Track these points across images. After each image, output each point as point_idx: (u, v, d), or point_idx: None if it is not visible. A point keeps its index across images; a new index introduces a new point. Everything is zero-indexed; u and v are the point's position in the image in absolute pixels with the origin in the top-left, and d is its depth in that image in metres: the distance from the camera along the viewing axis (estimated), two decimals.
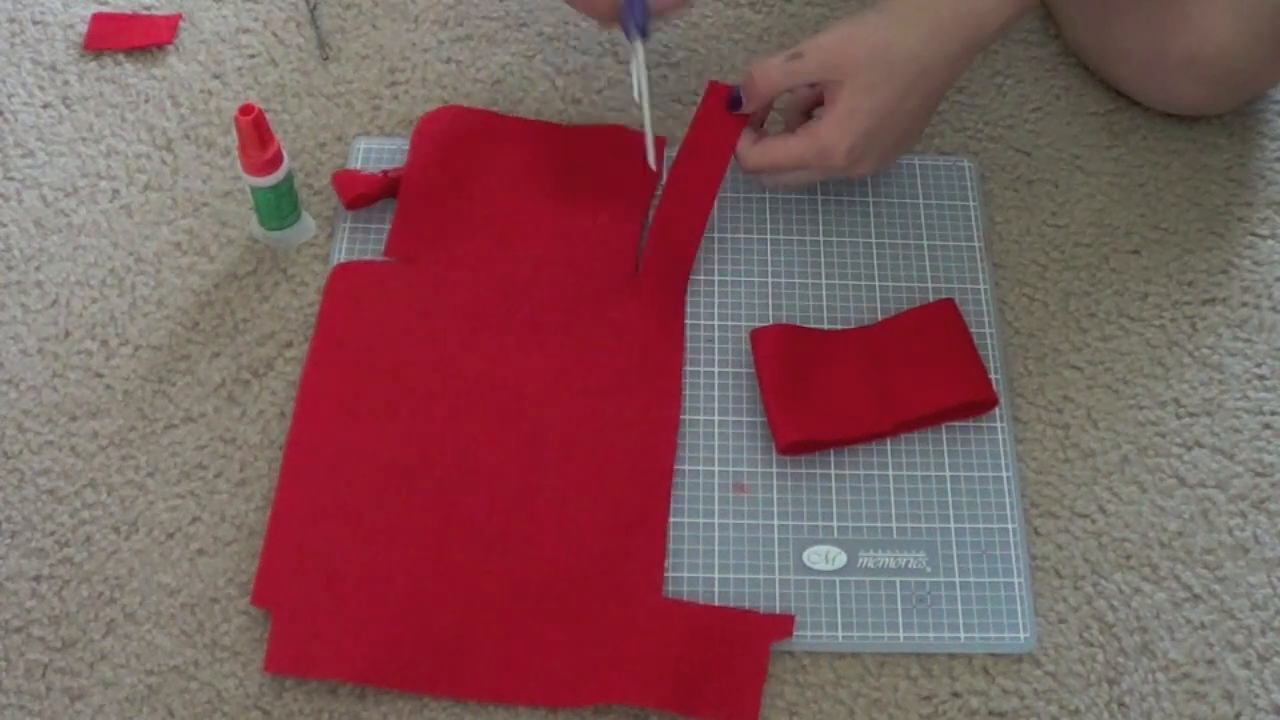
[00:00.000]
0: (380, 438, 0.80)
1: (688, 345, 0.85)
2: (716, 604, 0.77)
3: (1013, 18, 0.79)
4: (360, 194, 0.88)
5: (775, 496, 0.80)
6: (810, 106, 0.87)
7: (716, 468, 0.81)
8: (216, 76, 0.96)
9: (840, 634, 0.76)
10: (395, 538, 0.77)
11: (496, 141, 0.91)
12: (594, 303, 0.85)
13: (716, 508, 0.80)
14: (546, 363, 0.83)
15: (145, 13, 0.98)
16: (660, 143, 0.90)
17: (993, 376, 0.85)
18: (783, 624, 0.75)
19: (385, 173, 0.89)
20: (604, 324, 0.85)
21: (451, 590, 0.76)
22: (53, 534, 0.79)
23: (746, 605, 0.77)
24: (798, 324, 0.86)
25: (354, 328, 0.84)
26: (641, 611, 0.75)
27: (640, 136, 0.89)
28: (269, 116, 0.94)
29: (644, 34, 0.84)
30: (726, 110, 0.85)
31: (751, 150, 0.84)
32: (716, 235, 0.89)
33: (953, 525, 0.80)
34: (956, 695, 0.76)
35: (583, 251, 0.87)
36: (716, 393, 0.84)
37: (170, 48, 0.97)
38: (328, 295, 0.85)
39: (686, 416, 0.83)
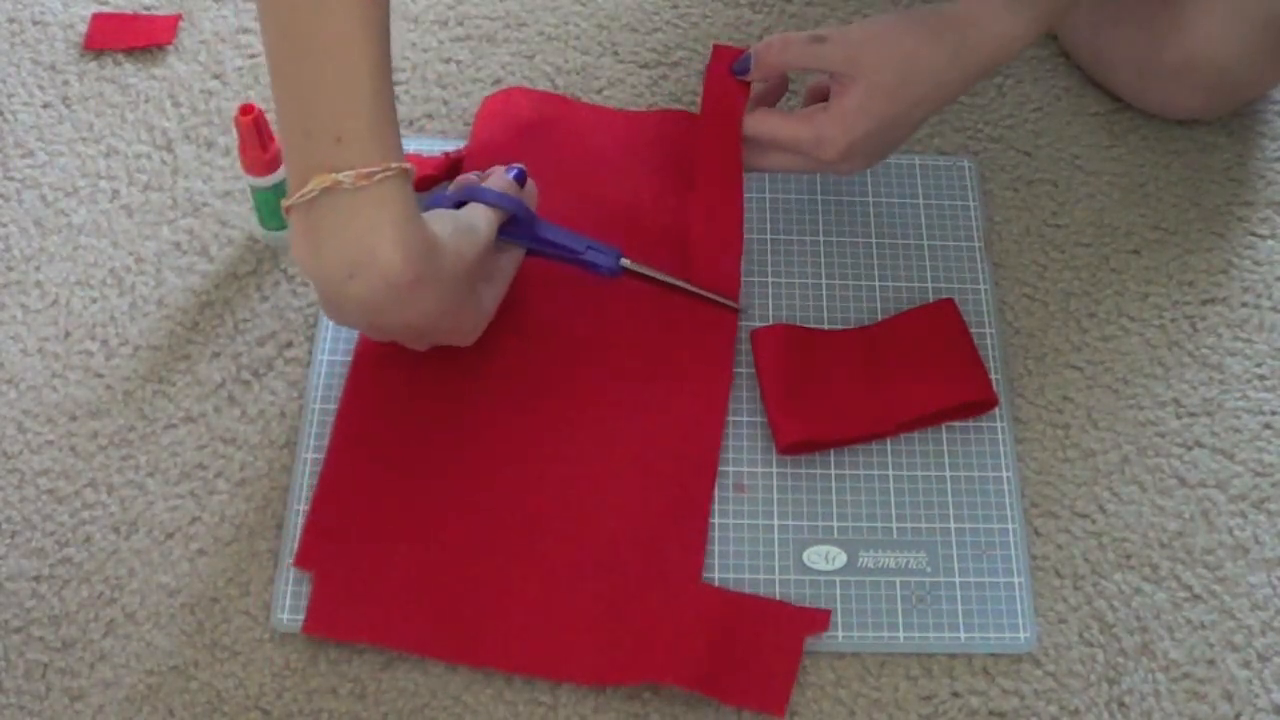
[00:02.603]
0: (430, 411, 0.81)
1: None
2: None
3: (1030, 44, 0.80)
4: (426, 176, 0.88)
5: (775, 496, 0.80)
6: (821, 98, 0.85)
7: (716, 468, 0.81)
8: (216, 76, 0.96)
9: (840, 634, 0.76)
10: (440, 511, 0.78)
11: (559, 125, 0.91)
12: (651, 290, 0.85)
13: (716, 508, 0.80)
14: (600, 347, 0.83)
15: (145, 13, 0.98)
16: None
17: (993, 376, 0.85)
18: (819, 618, 0.76)
19: (447, 154, 0.89)
20: (661, 310, 0.84)
21: (492, 565, 0.76)
22: (53, 534, 0.79)
23: None
24: (798, 324, 0.86)
25: None
26: (679, 595, 0.75)
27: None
28: (269, 116, 0.94)
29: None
30: (730, 75, 0.84)
31: (747, 117, 0.84)
32: None
33: (953, 525, 0.80)
34: (956, 695, 0.76)
35: (643, 238, 0.87)
36: None
37: (170, 48, 0.97)
38: None
39: None
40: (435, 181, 0.89)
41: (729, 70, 0.84)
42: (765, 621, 0.75)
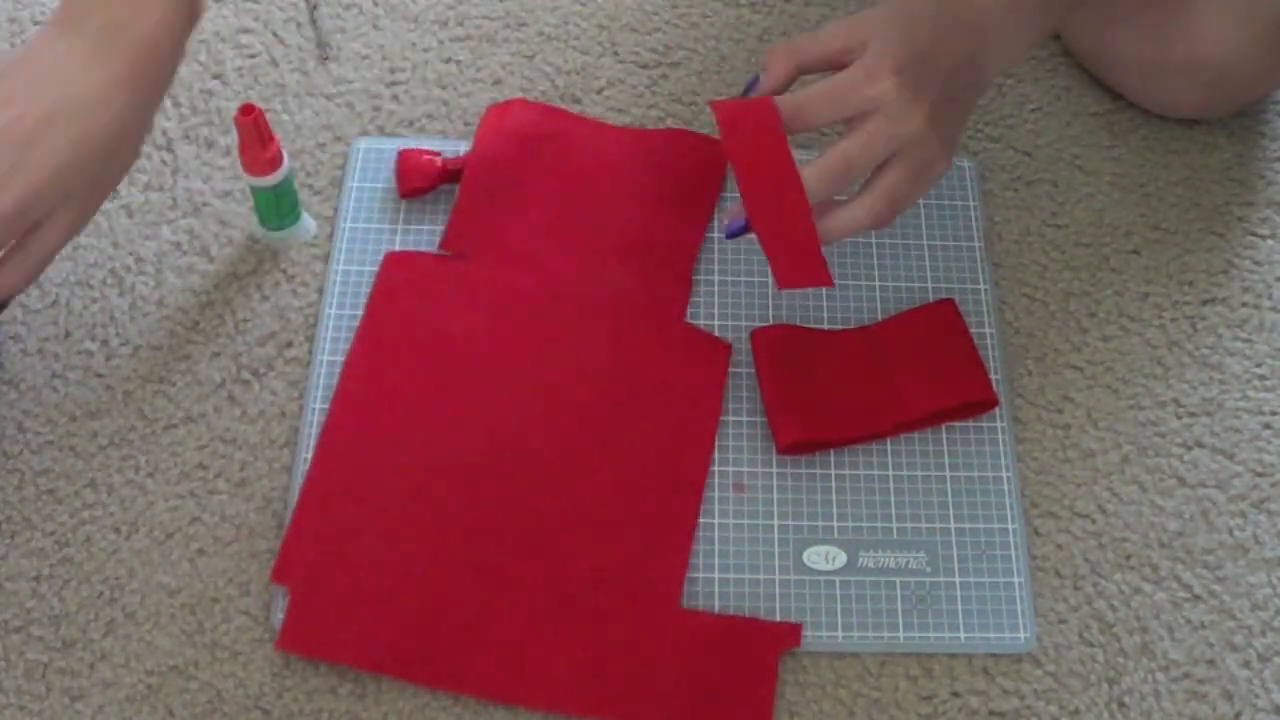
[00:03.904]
0: (415, 429, 0.80)
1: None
2: (718, 606, 0.77)
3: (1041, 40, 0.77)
4: (415, 188, 0.88)
5: (775, 496, 0.80)
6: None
7: (716, 468, 0.81)
8: (216, 76, 0.96)
9: (840, 634, 0.76)
10: (420, 530, 0.77)
11: (560, 140, 0.91)
12: (644, 313, 0.85)
13: (716, 508, 0.80)
14: (589, 369, 0.83)
15: None
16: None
17: (993, 376, 0.85)
18: (790, 632, 0.75)
19: (444, 162, 0.89)
20: (652, 335, 0.84)
21: (471, 588, 0.76)
22: (53, 534, 0.79)
23: (747, 606, 0.77)
24: (798, 324, 0.86)
25: (400, 317, 0.84)
26: (658, 623, 0.75)
27: (705, 139, 0.89)
28: (269, 116, 0.94)
29: None
30: (747, 102, 0.75)
31: (780, 100, 0.75)
32: (717, 235, 0.89)
33: (953, 525, 0.80)
34: (956, 695, 0.76)
35: (640, 259, 0.87)
36: None
37: None
38: (378, 283, 0.85)
39: None
40: (425, 192, 0.89)
41: (740, 99, 0.76)
42: (739, 642, 0.75)
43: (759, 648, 0.75)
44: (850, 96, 0.74)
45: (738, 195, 0.91)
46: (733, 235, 0.77)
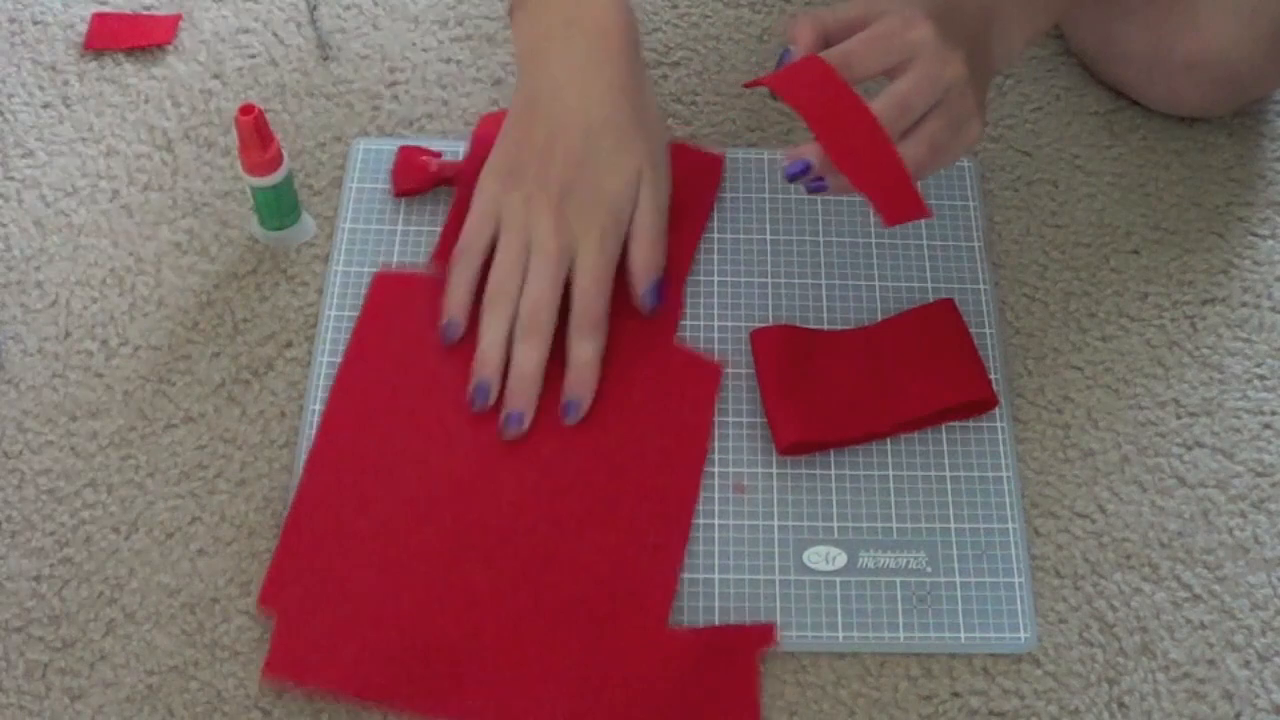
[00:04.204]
0: (402, 451, 0.80)
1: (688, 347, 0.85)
2: (718, 606, 0.77)
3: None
4: (408, 190, 0.88)
5: (775, 496, 0.80)
6: None
7: (716, 468, 0.81)
8: (216, 76, 0.96)
9: (840, 634, 0.76)
10: (408, 555, 0.77)
11: None
12: (636, 330, 0.85)
13: (716, 508, 0.80)
14: None
15: (145, 13, 0.98)
16: (719, 161, 0.91)
17: (993, 376, 0.85)
18: (764, 632, 0.75)
19: (439, 166, 0.89)
20: (642, 351, 0.84)
21: (459, 614, 0.75)
22: (53, 534, 0.79)
23: (747, 606, 0.77)
24: (798, 324, 0.86)
25: (389, 339, 0.83)
26: (646, 646, 0.75)
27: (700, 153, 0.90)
28: (269, 116, 0.94)
29: None
30: (795, 64, 0.74)
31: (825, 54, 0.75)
32: (716, 235, 0.89)
33: (953, 525, 0.80)
34: (956, 695, 0.76)
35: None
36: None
37: (170, 48, 0.97)
38: (368, 303, 0.85)
39: None
40: (417, 193, 0.89)
41: (777, 68, 0.75)
42: (721, 653, 0.75)
43: (738, 653, 0.75)
44: (894, 42, 0.74)
45: (732, 202, 0.91)
46: (793, 178, 0.75)
